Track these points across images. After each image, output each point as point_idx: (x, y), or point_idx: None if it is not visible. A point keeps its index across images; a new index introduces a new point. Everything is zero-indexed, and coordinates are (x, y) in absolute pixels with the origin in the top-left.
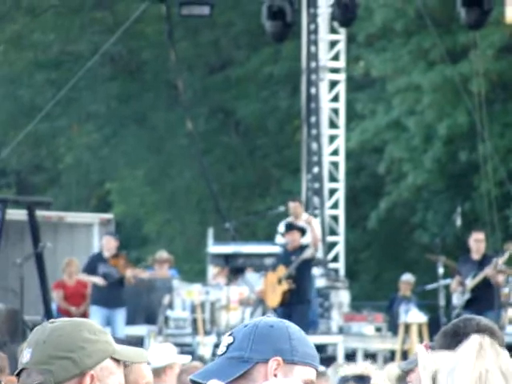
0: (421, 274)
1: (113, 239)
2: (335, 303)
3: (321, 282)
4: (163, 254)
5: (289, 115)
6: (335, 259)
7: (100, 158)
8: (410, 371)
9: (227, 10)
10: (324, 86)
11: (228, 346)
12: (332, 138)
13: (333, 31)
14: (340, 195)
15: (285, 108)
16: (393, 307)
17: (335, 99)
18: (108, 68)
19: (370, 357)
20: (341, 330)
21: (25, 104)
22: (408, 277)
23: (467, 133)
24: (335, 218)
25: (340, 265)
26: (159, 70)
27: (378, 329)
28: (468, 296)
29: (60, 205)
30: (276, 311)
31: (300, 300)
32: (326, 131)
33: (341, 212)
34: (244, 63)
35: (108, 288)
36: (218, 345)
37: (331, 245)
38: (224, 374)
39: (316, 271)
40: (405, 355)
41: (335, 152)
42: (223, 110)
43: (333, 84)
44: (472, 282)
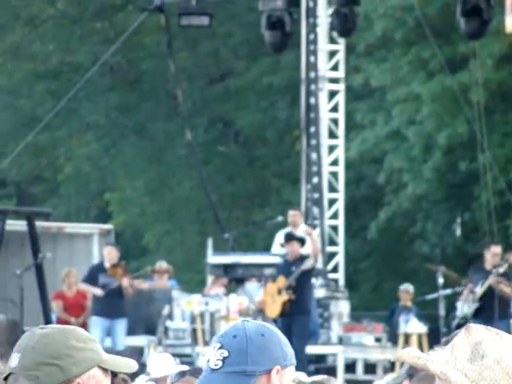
0: (421, 284)
1: (114, 249)
2: (335, 313)
3: (320, 293)
4: (163, 265)
5: (288, 125)
6: (335, 269)
7: (100, 169)
8: None
9: (226, 21)
10: (323, 96)
11: (223, 360)
12: (331, 148)
13: (332, 41)
14: (340, 205)
15: (284, 118)
16: (393, 317)
17: (335, 109)
18: (107, 78)
19: (370, 367)
20: (341, 341)
21: (25, 115)
22: (406, 286)
23: (467, 143)
24: (335, 229)
25: (340, 275)
26: (158, 81)
27: (378, 339)
28: (477, 305)
29: (60, 215)
30: (276, 322)
31: (300, 310)
32: (326, 141)
33: (340, 222)
34: (243, 73)
35: (108, 298)
36: None
37: (331, 255)
38: None
39: (316, 281)
40: None
41: (335, 162)
42: (222, 121)
43: (332, 94)
44: (479, 292)
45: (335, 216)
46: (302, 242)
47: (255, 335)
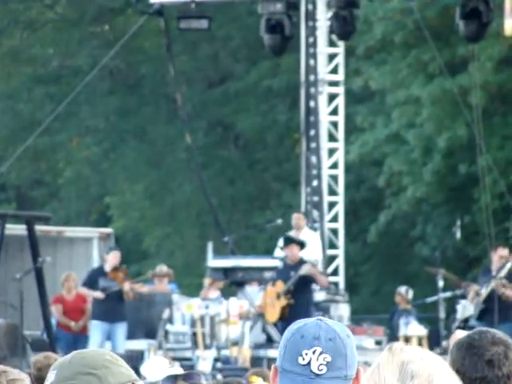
0: (421, 287)
1: (119, 254)
2: (335, 317)
3: (320, 296)
4: (163, 268)
5: (288, 128)
6: (335, 272)
7: (99, 172)
8: None
9: (226, 24)
10: (323, 99)
11: (327, 365)
12: (331, 152)
13: (331, 44)
14: (339, 208)
15: (284, 121)
16: (393, 320)
17: (334, 112)
18: (107, 82)
19: None
20: None
21: (24, 118)
22: (400, 288)
23: (466, 145)
24: (335, 232)
25: (340, 278)
26: (158, 84)
27: (378, 342)
28: (481, 307)
29: (60, 219)
30: (276, 326)
31: (299, 315)
32: (326, 144)
33: (340, 225)
34: (243, 77)
35: (108, 302)
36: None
37: (331, 258)
38: None
39: (316, 285)
40: None
41: (334, 165)
42: (222, 124)
43: (332, 97)
44: (483, 294)
45: (335, 219)
46: (302, 246)
47: (345, 337)
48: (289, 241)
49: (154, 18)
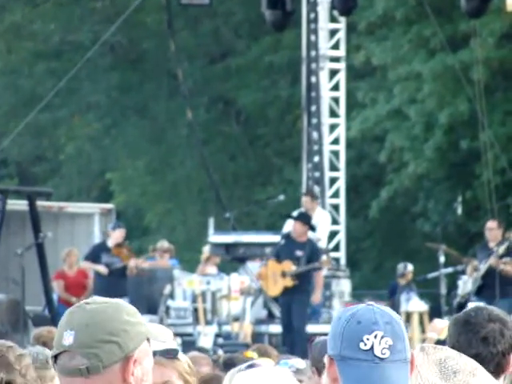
0: (422, 263)
1: (124, 232)
2: (336, 292)
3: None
4: (164, 244)
5: (289, 104)
6: (336, 248)
7: (101, 148)
8: None
9: (227, 0)
10: (324, 75)
11: (390, 349)
12: (332, 127)
13: (333, 20)
14: (341, 184)
15: (285, 97)
16: (394, 295)
17: (335, 88)
18: (108, 58)
19: None
20: None
21: (25, 94)
22: (400, 267)
23: (468, 121)
24: (336, 207)
25: (341, 254)
26: (159, 60)
27: None
28: (479, 283)
29: (61, 195)
30: (277, 300)
31: (300, 290)
32: (327, 120)
33: (341, 201)
34: (244, 52)
35: (111, 278)
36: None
37: (332, 234)
38: (406, 381)
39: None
40: None
41: (336, 141)
42: (224, 100)
43: (333, 73)
44: (481, 270)
45: (336, 195)
46: (312, 229)
47: (399, 320)
48: (303, 218)
49: None
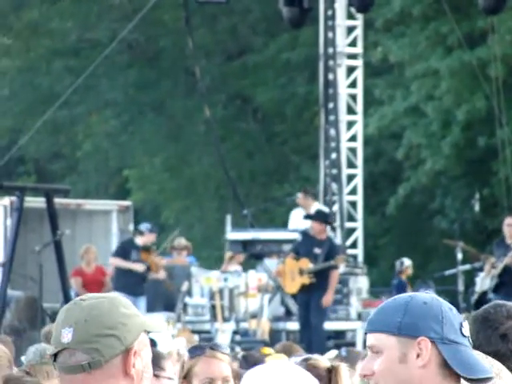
0: (439, 260)
1: (155, 238)
2: (354, 289)
3: (339, 269)
4: (181, 241)
5: (307, 101)
6: (354, 245)
7: (118, 145)
8: None
9: None
10: (342, 72)
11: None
12: (350, 124)
13: (350, 17)
14: (358, 181)
15: (303, 94)
16: (403, 291)
17: (353, 85)
18: (126, 55)
19: None
20: (359, 316)
21: (43, 92)
22: (397, 264)
23: (485, 118)
24: (353, 204)
25: (358, 251)
26: (177, 57)
27: None
28: (496, 280)
29: (79, 192)
30: (295, 297)
31: (318, 287)
32: (344, 117)
33: (359, 198)
34: (261, 50)
35: (135, 276)
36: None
37: (349, 231)
38: None
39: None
40: None
41: (353, 138)
42: (241, 97)
43: (350, 70)
44: (499, 267)
45: (354, 192)
46: (331, 227)
47: None
48: (323, 217)
49: None
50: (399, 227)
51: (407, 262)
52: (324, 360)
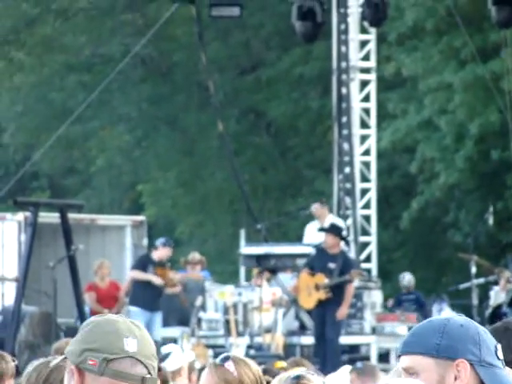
0: (454, 274)
1: (171, 252)
2: (368, 303)
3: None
4: (195, 256)
5: (320, 115)
6: (368, 259)
7: (132, 160)
8: None
9: (257, 11)
10: (355, 86)
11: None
12: (363, 138)
13: (363, 31)
14: (372, 195)
15: (316, 108)
16: (399, 305)
17: (366, 99)
18: (139, 70)
19: None
20: (374, 331)
21: (56, 107)
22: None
23: (499, 131)
24: (367, 218)
25: (372, 265)
26: (190, 72)
27: (411, 328)
28: (511, 295)
29: (92, 207)
30: (310, 313)
31: (334, 302)
32: (358, 131)
33: (373, 212)
34: (275, 64)
35: (152, 291)
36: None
37: (363, 245)
38: None
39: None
40: None
41: (367, 152)
42: (254, 111)
43: (364, 84)
44: None
45: (367, 206)
46: (345, 241)
47: None
48: (335, 230)
49: (186, 6)
50: (413, 241)
51: (408, 277)
52: (316, 379)
